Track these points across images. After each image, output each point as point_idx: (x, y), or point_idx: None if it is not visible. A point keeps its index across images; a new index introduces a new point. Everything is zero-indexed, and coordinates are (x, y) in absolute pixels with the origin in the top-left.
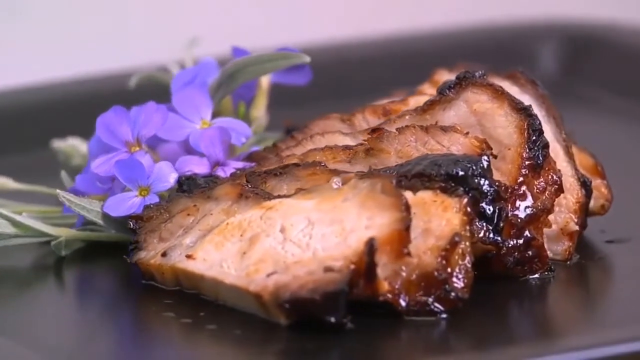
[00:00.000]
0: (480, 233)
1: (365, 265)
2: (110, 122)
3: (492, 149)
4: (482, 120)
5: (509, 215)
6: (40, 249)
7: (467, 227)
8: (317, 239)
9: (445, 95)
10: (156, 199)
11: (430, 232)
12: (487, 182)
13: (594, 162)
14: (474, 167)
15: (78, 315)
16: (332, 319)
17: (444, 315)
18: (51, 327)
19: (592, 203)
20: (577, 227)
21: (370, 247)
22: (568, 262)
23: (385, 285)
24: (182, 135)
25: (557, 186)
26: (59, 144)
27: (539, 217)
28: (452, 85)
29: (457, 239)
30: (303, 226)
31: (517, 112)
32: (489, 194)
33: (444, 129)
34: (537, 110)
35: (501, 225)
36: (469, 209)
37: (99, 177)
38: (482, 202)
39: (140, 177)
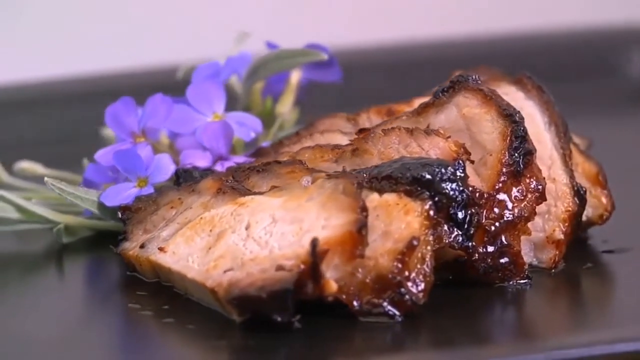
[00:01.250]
0: (449, 238)
1: (310, 265)
2: (118, 112)
3: (469, 154)
4: (470, 124)
5: (484, 221)
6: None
7: (428, 232)
8: (276, 237)
9: (439, 98)
10: (152, 191)
11: (390, 235)
12: (456, 186)
13: (597, 171)
14: (443, 172)
15: (67, 305)
16: (279, 318)
17: (400, 318)
18: (37, 317)
19: (590, 212)
20: (562, 236)
21: (313, 247)
22: (552, 271)
23: (333, 286)
24: (192, 128)
25: (538, 194)
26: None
27: (515, 224)
28: (445, 89)
29: (414, 242)
30: (267, 224)
31: (502, 118)
32: (459, 198)
33: (427, 133)
34: (539, 116)
35: (472, 230)
36: (431, 213)
37: (110, 166)
38: (452, 207)
39: (139, 168)
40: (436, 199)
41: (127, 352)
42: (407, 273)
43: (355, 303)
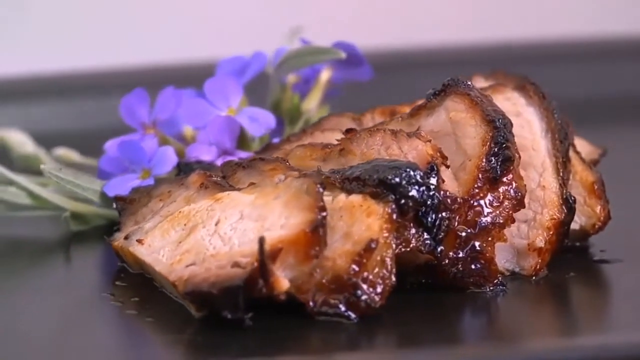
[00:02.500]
0: (417, 241)
1: (258, 263)
2: (131, 103)
3: (446, 158)
4: (455, 129)
5: (456, 226)
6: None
7: (389, 235)
8: (239, 234)
9: (430, 101)
10: (152, 182)
11: (350, 236)
12: (424, 190)
13: (593, 180)
14: (410, 175)
15: (54, 292)
16: (229, 315)
17: (355, 320)
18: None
19: (584, 221)
20: (543, 244)
21: (260, 245)
22: (533, 278)
23: (282, 285)
24: (204, 122)
25: (515, 201)
26: None
27: (489, 230)
28: (437, 92)
29: (372, 245)
30: (234, 220)
31: (485, 124)
32: (428, 202)
33: (409, 135)
34: (537, 123)
35: (441, 235)
36: (393, 216)
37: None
38: (422, 211)
39: (142, 159)
40: (402, 202)
41: (73, 337)
42: (364, 275)
43: (311, 303)
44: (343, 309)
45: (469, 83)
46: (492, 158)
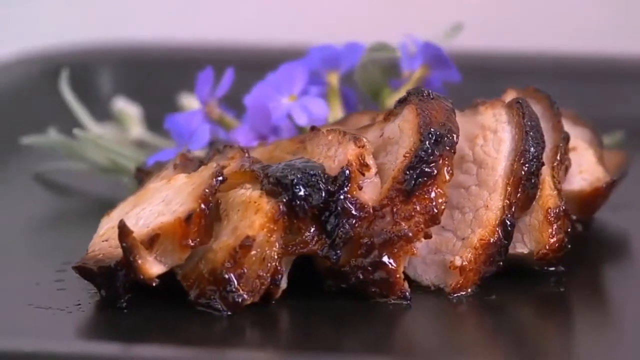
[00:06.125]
0: (316, 245)
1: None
2: (202, 80)
3: (367, 166)
4: (399, 138)
5: (362, 234)
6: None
7: (272, 234)
8: (147, 215)
9: (396, 107)
10: None
11: (235, 231)
12: (317, 193)
13: (550, 206)
14: (307, 177)
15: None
16: (104, 293)
17: (226, 314)
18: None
19: (533, 247)
20: (460, 263)
21: (119, 229)
22: (451, 296)
23: (150, 270)
24: (265, 105)
25: (429, 216)
26: None
27: (394, 242)
28: (401, 100)
29: (247, 242)
30: (157, 202)
31: (414, 136)
32: (328, 206)
33: (351, 138)
34: (507, 143)
35: (337, 240)
36: (277, 216)
37: None
38: (325, 215)
39: (183, 134)
40: (294, 202)
41: None
42: (239, 271)
43: (191, 292)
44: (217, 302)
45: (430, 93)
46: (409, 171)
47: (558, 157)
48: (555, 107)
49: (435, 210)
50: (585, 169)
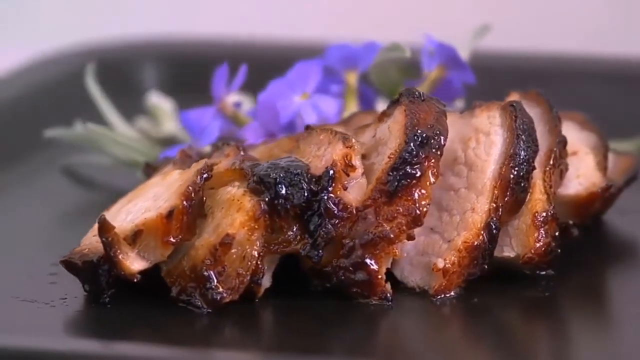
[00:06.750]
0: (298, 244)
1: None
2: (217, 76)
3: (352, 167)
4: (388, 140)
5: (344, 234)
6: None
7: (250, 232)
8: (136, 211)
9: (388, 108)
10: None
11: (217, 229)
12: (299, 193)
13: (537, 210)
14: (290, 176)
15: None
16: (87, 288)
17: (205, 311)
18: None
19: (519, 251)
20: (442, 265)
21: (99, 224)
22: (434, 298)
23: (131, 266)
24: (277, 102)
25: (412, 218)
26: None
27: (376, 243)
28: (394, 101)
29: (227, 240)
30: (149, 198)
31: (401, 137)
32: (310, 206)
33: (341, 139)
34: (498, 146)
35: (319, 240)
36: (257, 214)
37: None
38: (307, 214)
39: (194, 130)
40: (276, 201)
41: None
42: (219, 268)
43: (173, 289)
44: (197, 299)
45: (421, 94)
46: (393, 172)
47: (552, 161)
48: (554, 110)
49: (418, 212)
50: (583, 173)
